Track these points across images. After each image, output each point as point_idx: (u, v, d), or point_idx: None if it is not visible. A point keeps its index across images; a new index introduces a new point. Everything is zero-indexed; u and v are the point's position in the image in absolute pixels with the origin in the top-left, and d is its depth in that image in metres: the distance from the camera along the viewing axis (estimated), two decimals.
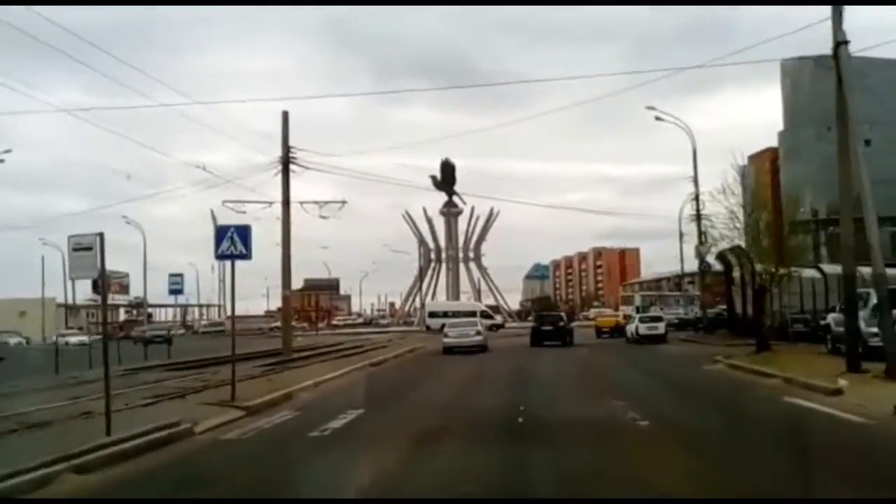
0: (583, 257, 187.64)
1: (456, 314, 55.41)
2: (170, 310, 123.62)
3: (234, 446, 10.43)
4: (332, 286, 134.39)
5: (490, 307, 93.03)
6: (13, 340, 57.32)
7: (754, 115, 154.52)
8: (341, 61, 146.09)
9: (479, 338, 31.80)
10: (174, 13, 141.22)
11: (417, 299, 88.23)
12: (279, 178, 27.84)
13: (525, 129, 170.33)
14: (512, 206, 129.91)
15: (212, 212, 72.76)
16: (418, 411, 13.32)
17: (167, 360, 27.44)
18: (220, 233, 13.91)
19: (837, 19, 16.31)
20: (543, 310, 60.46)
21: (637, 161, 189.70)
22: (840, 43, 16.22)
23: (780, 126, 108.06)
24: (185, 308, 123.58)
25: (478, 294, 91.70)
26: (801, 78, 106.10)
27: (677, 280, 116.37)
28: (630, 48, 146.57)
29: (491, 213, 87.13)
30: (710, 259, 37.82)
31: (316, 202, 29.45)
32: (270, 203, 28.31)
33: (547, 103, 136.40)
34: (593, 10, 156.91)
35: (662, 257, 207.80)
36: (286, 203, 27.89)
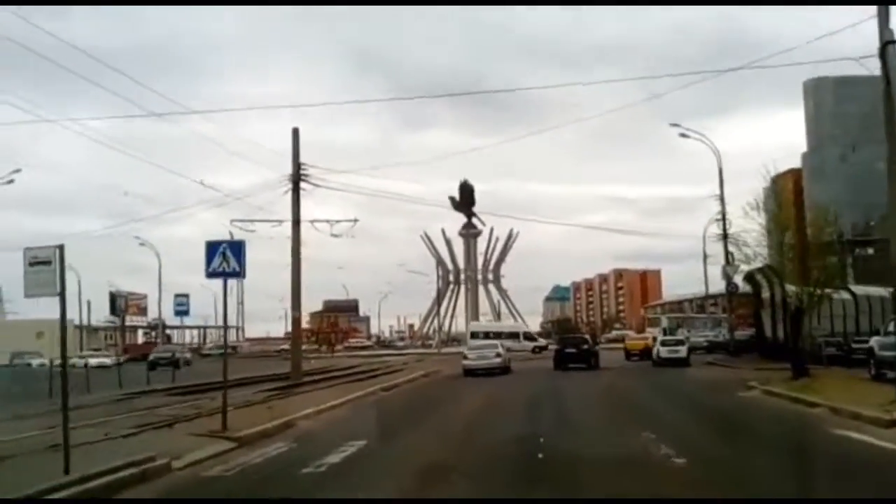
0: (604, 279, 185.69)
1: (498, 335, 53.82)
2: (189, 331, 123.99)
3: (215, 485, 9.21)
4: (351, 307, 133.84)
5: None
6: (36, 362, 56.51)
7: (772, 139, 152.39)
8: (360, 86, 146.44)
9: (498, 360, 31.18)
10: (193, 38, 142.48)
11: (436, 321, 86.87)
12: (292, 196, 26.73)
13: (546, 152, 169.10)
14: (532, 228, 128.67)
15: (230, 234, 72.20)
16: (427, 444, 12.04)
17: (170, 384, 26.35)
18: (211, 249, 12.61)
19: (884, 17, 15.05)
20: (566, 332, 58.64)
21: (658, 183, 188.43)
22: (888, 42, 14.93)
23: (800, 149, 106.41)
24: (203, 329, 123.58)
25: (497, 316, 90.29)
26: (823, 98, 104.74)
27: (700, 302, 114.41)
28: (648, 72, 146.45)
29: (510, 235, 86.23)
30: (738, 279, 36.25)
31: (328, 221, 28.31)
32: (280, 221, 27.27)
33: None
34: (609, 37, 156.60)
35: (684, 279, 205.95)
36: (296, 222, 26.74)
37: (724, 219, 32.97)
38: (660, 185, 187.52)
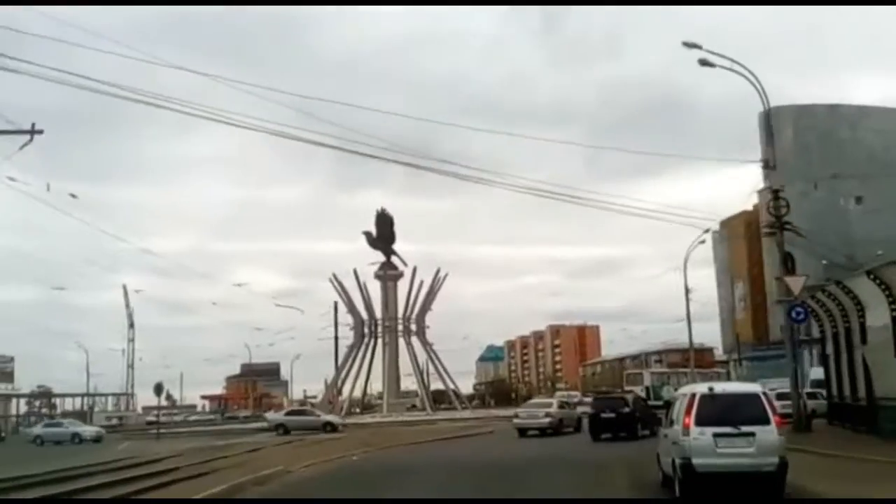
0: (539, 337, 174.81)
1: None
2: (77, 399, 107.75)
3: None
4: (272, 371, 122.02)
5: (437, 391, 76.90)
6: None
7: (721, 191, 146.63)
8: (302, 145, 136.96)
9: (546, 420, 32.64)
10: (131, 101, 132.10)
11: (351, 382, 71.95)
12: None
13: (480, 213, 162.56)
14: (465, 288, 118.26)
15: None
16: None
17: None
18: None
19: None
20: (598, 393, 44.60)
21: (589, 243, 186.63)
22: None
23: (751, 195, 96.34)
24: (93, 398, 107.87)
25: (424, 375, 75.03)
26: (782, 130, 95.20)
27: (644, 357, 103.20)
28: (584, 132, 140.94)
29: (436, 277, 71.17)
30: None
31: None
32: None
33: (504, 186, 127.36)
34: (551, 95, 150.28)
35: (619, 337, 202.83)
36: None
37: (776, 195, 20.42)
38: (593, 245, 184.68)
